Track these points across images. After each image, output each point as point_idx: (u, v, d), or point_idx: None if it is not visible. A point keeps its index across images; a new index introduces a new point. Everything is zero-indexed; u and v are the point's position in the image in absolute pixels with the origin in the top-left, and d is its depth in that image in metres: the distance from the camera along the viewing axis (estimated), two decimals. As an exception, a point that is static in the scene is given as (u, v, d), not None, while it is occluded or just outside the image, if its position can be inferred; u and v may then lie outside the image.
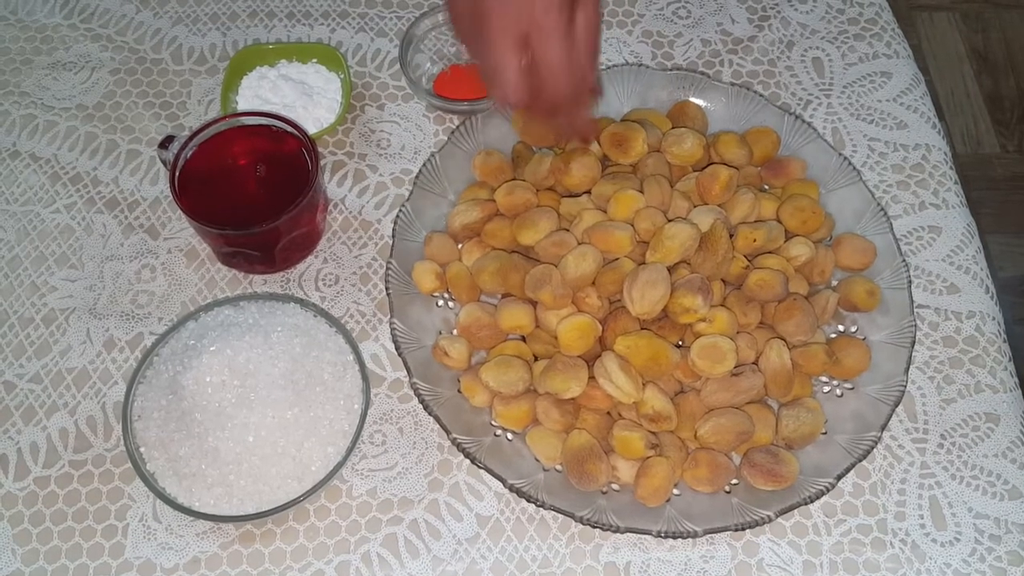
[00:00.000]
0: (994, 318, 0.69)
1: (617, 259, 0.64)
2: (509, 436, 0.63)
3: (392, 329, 0.64)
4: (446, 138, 0.72)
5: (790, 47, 0.82)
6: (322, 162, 0.73)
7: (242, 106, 0.76)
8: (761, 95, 0.74)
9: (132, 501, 0.62)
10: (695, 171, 0.69)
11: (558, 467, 0.61)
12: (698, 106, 0.74)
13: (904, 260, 0.67)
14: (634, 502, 0.59)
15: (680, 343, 0.64)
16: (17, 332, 0.68)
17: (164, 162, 0.69)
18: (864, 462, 0.61)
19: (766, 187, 0.72)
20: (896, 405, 0.61)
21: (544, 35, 0.56)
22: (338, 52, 0.78)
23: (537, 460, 0.62)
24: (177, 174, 0.66)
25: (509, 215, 0.68)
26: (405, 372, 0.63)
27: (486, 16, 0.57)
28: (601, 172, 0.68)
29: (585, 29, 0.59)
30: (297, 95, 0.76)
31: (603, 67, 0.75)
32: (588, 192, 0.68)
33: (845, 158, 0.71)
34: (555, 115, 0.63)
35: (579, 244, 0.64)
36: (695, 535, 0.57)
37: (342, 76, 0.77)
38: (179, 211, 0.70)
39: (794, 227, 0.67)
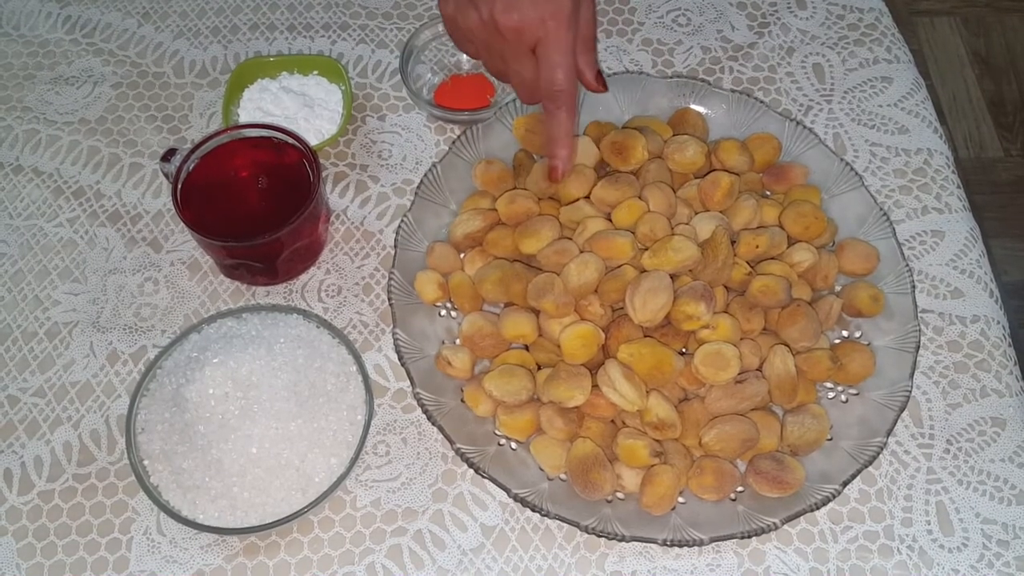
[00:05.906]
0: (999, 322, 0.69)
1: (619, 267, 0.64)
2: (513, 445, 0.63)
3: (395, 339, 0.63)
4: (447, 148, 0.72)
5: (790, 53, 0.82)
6: (324, 173, 0.73)
7: (244, 118, 0.76)
8: (762, 101, 0.74)
9: (136, 514, 0.62)
10: (697, 178, 0.69)
11: (562, 476, 0.61)
12: (699, 113, 0.74)
13: (907, 265, 0.67)
14: (639, 511, 0.59)
15: (684, 350, 0.64)
16: (20, 346, 0.68)
17: (166, 175, 0.69)
18: (870, 468, 0.61)
19: (768, 193, 0.71)
20: (901, 410, 0.61)
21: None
22: (339, 64, 0.78)
23: (541, 469, 0.61)
24: (179, 187, 0.66)
25: (511, 224, 0.68)
26: (408, 382, 0.62)
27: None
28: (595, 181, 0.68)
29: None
30: (298, 107, 0.76)
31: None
32: (587, 197, 0.68)
33: (847, 163, 0.71)
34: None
35: (581, 252, 0.64)
36: (701, 543, 0.57)
37: (343, 87, 0.77)
38: (181, 224, 0.70)
39: (796, 233, 0.67)
